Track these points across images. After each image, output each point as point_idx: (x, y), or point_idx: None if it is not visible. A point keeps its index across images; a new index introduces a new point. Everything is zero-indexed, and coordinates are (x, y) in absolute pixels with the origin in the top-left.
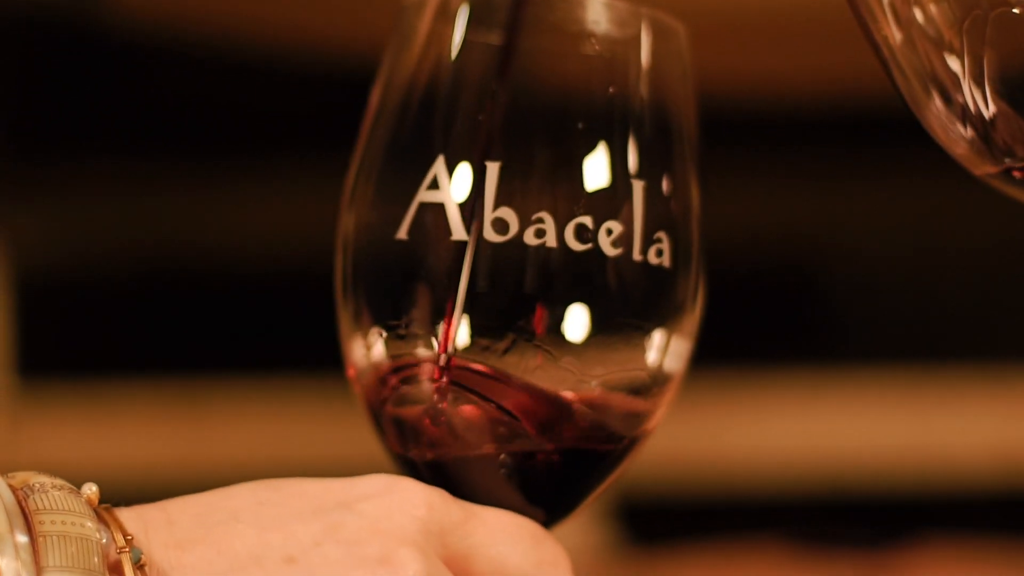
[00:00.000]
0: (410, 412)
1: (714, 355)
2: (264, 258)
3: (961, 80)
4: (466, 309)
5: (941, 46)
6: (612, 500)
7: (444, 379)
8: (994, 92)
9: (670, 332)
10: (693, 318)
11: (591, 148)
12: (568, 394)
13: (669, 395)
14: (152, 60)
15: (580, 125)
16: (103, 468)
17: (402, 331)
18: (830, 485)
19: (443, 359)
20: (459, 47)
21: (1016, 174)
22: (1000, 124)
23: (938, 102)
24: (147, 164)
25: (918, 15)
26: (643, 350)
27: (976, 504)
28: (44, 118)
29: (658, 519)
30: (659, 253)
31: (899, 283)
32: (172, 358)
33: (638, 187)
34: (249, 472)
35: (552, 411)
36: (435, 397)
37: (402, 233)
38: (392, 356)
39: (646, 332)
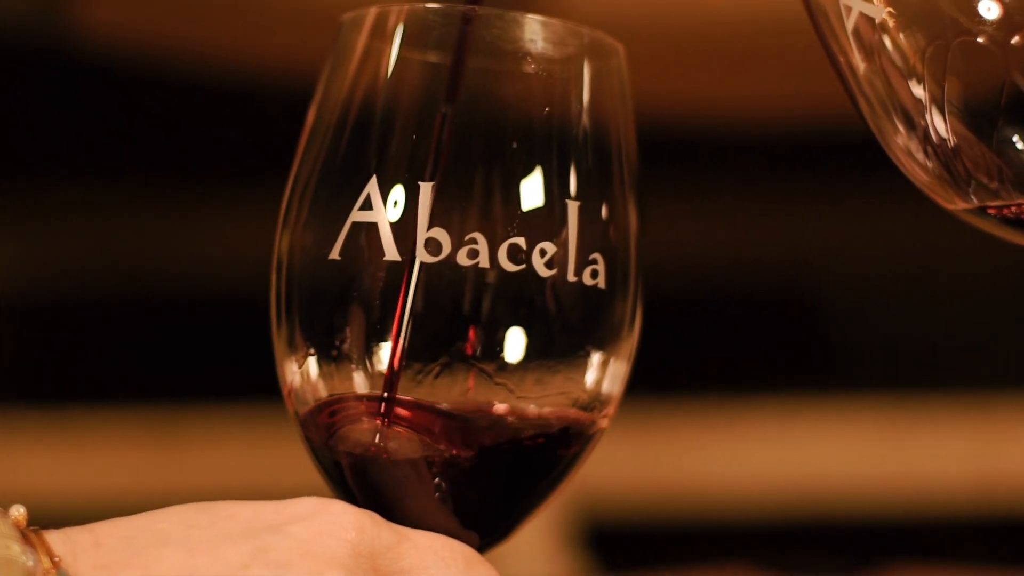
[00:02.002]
0: (348, 445)
1: (682, 381)
2: (229, 282)
3: (924, 107)
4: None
5: (905, 74)
6: (580, 526)
7: (384, 420)
8: (956, 119)
9: (607, 354)
10: (631, 340)
11: (526, 169)
12: (503, 417)
13: (607, 417)
14: (110, 83)
15: (515, 145)
16: (67, 493)
17: (334, 352)
18: (801, 511)
19: (382, 407)
20: (394, 66)
21: (991, 211)
22: (963, 151)
23: (902, 130)
24: (106, 188)
25: (883, 43)
26: (580, 371)
27: (949, 531)
28: (9, 142)
29: (627, 545)
30: (594, 275)
31: (871, 307)
32: (136, 383)
33: (573, 208)
34: (213, 497)
35: (487, 435)
36: (376, 437)
37: (335, 253)
38: (327, 383)
39: (583, 353)
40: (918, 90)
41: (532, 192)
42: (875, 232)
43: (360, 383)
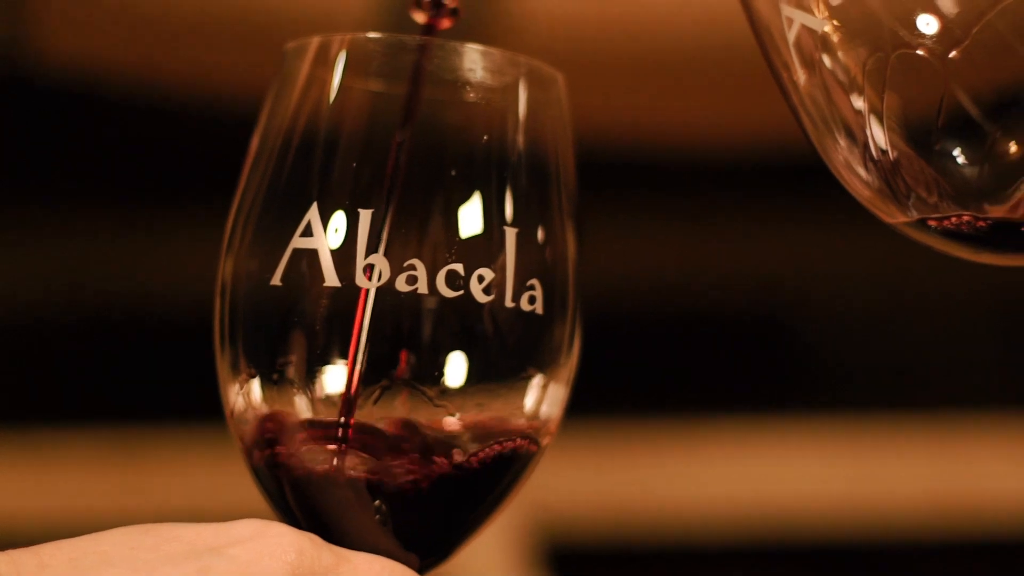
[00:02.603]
0: (288, 467)
1: (644, 401)
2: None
3: (864, 121)
4: (340, 354)
5: (845, 87)
6: (541, 547)
7: (325, 444)
8: (895, 133)
9: (546, 377)
10: (569, 363)
11: (464, 196)
12: (443, 439)
13: (547, 438)
14: (62, 107)
15: (453, 172)
16: (21, 514)
17: (276, 376)
18: (762, 532)
19: (340, 432)
20: (336, 94)
21: (932, 223)
22: (902, 165)
23: (843, 144)
24: (57, 212)
25: (824, 55)
26: (520, 395)
27: (916, 552)
28: None
29: (588, 566)
30: (532, 300)
31: (831, 327)
32: (88, 405)
33: (511, 235)
34: (162, 518)
35: (427, 457)
36: (315, 461)
37: (276, 279)
38: (269, 406)
39: (522, 377)
40: (858, 103)
41: (470, 219)
42: (830, 251)
43: (301, 406)
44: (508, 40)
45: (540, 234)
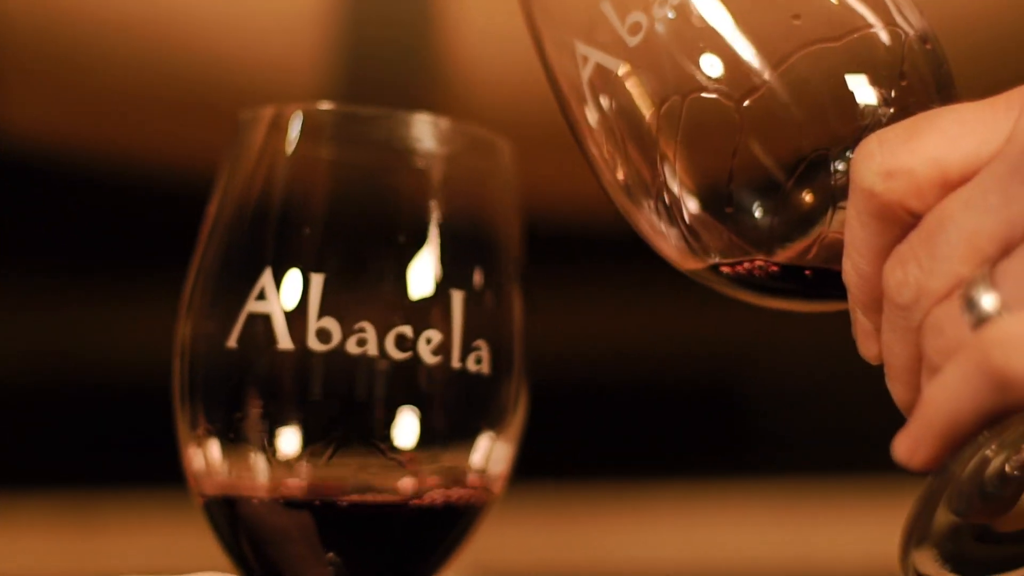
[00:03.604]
0: (247, 526)
1: (587, 466)
2: (139, 368)
3: (655, 163)
4: (294, 414)
5: (637, 133)
6: None
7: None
8: (690, 196)
9: (493, 435)
10: (516, 422)
11: (412, 260)
12: (393, 497)
13: (493, 496)
14: (17, 177)
15: (401, 238)
16: None
17: (233, 435)
18: None
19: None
20: (289, 162)
21: (724, 269)
22: (694, 217)
23: (646, 207)
24: (14, 279)
25: (618, 97)
26: (466, 452)
27: None
28: None
29: None
30: (478, 360)
31: (776, 392)
32: (48, 470)
33: (457, 297)
34: None
35: (376, 515)
36: (272, 519)
37: (232, 342)
38: (228, 467)
39: (468, 435)
40: (650, 148)
41: (418, 282)
42: (776, 319)
43: (258, 465)
44: (454, 106)
45: (486, 296)
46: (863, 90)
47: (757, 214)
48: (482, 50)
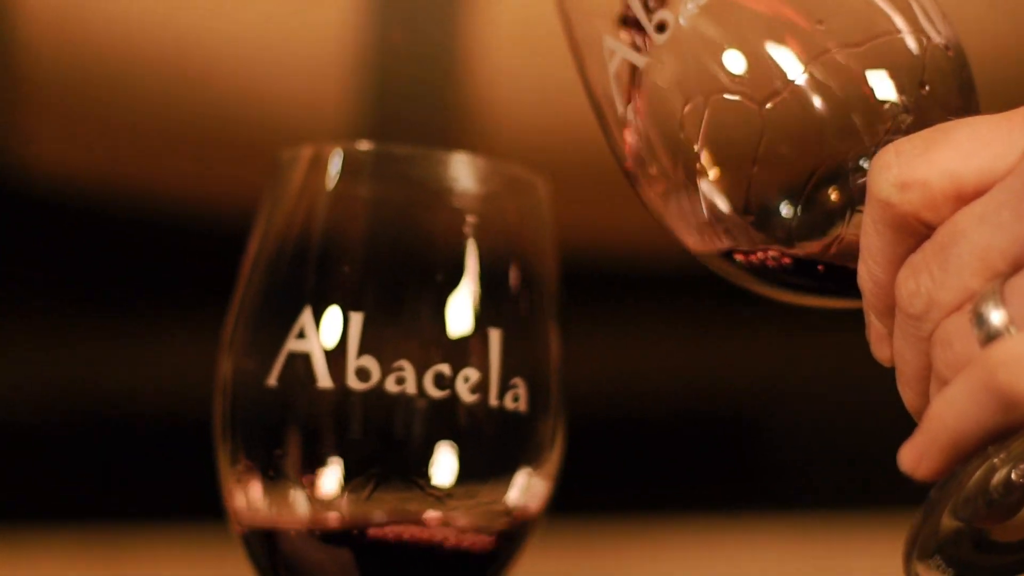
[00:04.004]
0: (291, 564)
1: (620, 500)
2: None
3: (679, 161)
4: (334, 453)
5: (664, 130)
6: None
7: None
8: (711, 192)
9: (529, 473)
10: (552, 459)
11: (450, 298)
12: (431, 533)
13: (530, 532)
14: (49, 215)
15: (439, 277)
16: None
17: (272, 473)
18: None
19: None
20: (328, 199)
21: (739, 257)
22: (717, 211)
23: (666, 195)
24: (47, 313)
25: (643, 97)
26: (503, 489)
27: None
28: None
29: None
30: (515, 398)
31: (804, 427)
32: (86, 504)
33: (495, 335)
34: None
35: (414, 553)
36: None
37: (272, 380)
38: (268, 504)
39: (505, 473)
40: (677, 149)
41: (457, 321)
42: (803, 356)
43: (299, 503)
44: (481, 143)
45: (524, 335)
46: (884, 97)
47: (776, 213)
48: (508, 88)
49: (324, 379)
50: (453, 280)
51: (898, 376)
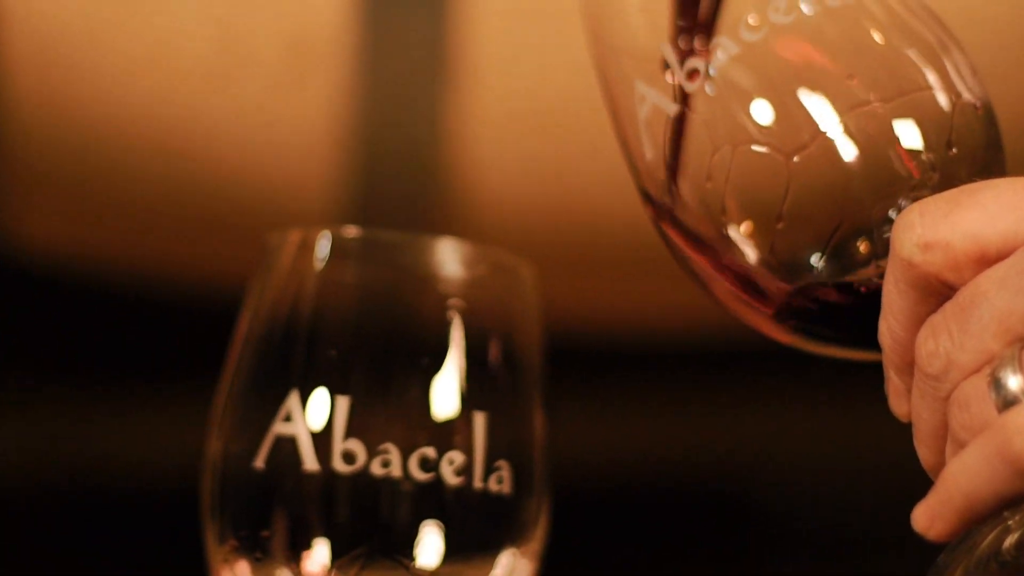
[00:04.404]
0: None
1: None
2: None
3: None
4: (320, 536)
5: (691, 175)
6: None
7: None
8: (735, 240)
9: (514, 553)
10: (537, 539)
11: (435, 382)
12: None
13: None
14: (41, 291)
15: (425, 360)
16: None
17: (259, 555)
18: None
19: None
20: (315, 283)
21: (760, 303)
22: (741, 271)
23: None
24: (37, 388)
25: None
26: (488, 570)
27: None
28: None
29: None
30: (500, 480)
31: (791, 503)
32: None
33: (479, 418)
34: None
35: None
36: None
37: (259, 462)
38: None
39: (491, 553)
40: (700, 193)
41: (442, 404)
42: (790, 430)
43: None
44: (464, 226)
45: (509, 417)
46: (912, 154)
47: (800, 264)
48: (492, 171)
49: (310, 462)
50: (438, 363)
51: (915, 433)
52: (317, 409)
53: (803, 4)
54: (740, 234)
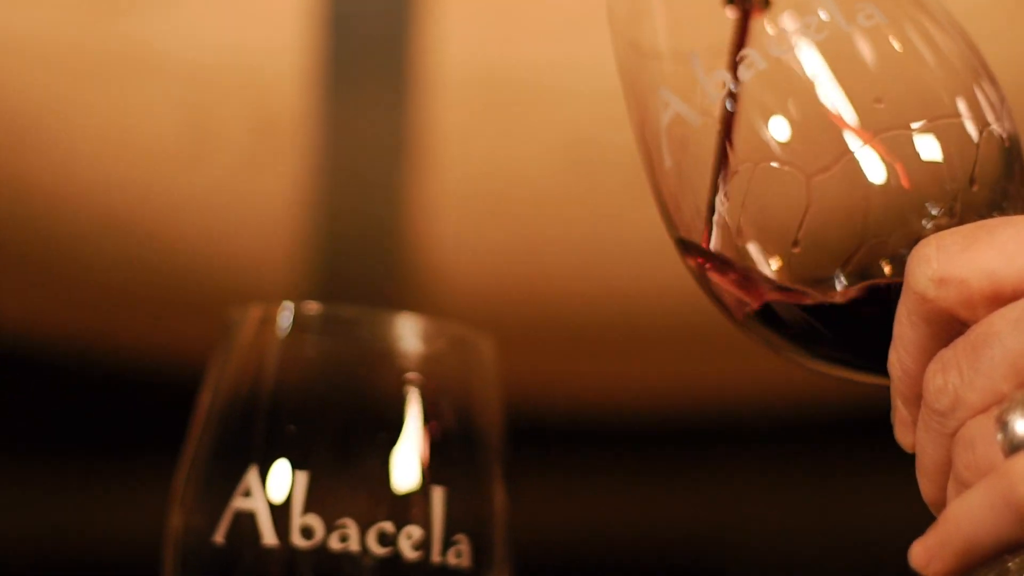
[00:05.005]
0: None
1: None
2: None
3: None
4: None
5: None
6: None
7: None
8: (750, 255)
9: None
10: None
11: (394, 457)
12: None
13: None
14: (2, 368)
15: (384, 435)
16: None
17: None
18: None
19: None
20: (276, 359)
21: (775, 309)
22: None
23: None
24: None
25: (691, 147)
26: None
27: None
28: None
29: None
30: (458, 554)
31: None
32: None
33: (439, 493)
34: None
35: None
36: None
37: (219, 536)
38: None
39: None
40: (719, 206)
41: (400, 479)
42: (759, 504)
43: None
44: (425, 303)
45: (468, 491)
46: (932, 182)
47: (816, 284)
48: (453, 249)
49: (269, 537)
50: (396, 437)
51: (917, 466)
52: (276, 484)
53: (836, 21)
54: (754, 248)
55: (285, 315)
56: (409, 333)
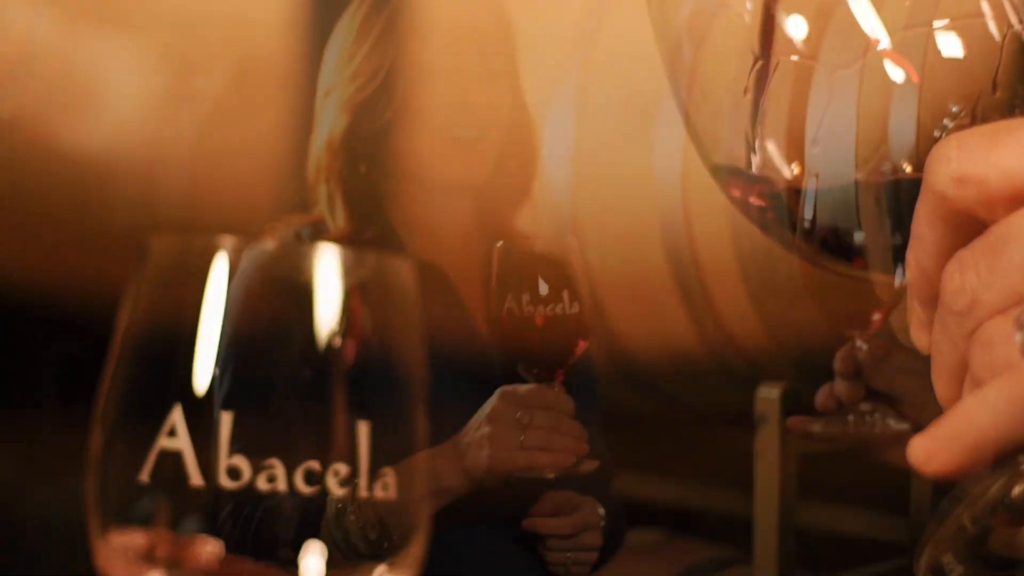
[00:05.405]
0: None
1: None
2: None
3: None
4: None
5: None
6: None
7: None
8: (769, 144)
9: (395, 557)
10: (418, 547)
11: (318, 394)
12: None
13: None
14: None
15: (308, 372)
16: None
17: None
18: None
19: None
20: (194, 295)
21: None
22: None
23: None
24: None
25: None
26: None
27: None
28: None
29: None
30: (385, 487)
31: None
32: None
33: (364, 428)
34: None
35: None
36: None
37: (144, 476)
38: None
39: (376, 559)
40: (742, 103)
41: (325, 416)
42: None
43: None
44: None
45: (392, 424)
46: (956, 80)
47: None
48: None
49: (196, 477)
50: (320, 374)
51: (933, 367)
52: (201, 424)
53: None
54: (770, 138)
55: (205, 248)
56: (329, 264)
